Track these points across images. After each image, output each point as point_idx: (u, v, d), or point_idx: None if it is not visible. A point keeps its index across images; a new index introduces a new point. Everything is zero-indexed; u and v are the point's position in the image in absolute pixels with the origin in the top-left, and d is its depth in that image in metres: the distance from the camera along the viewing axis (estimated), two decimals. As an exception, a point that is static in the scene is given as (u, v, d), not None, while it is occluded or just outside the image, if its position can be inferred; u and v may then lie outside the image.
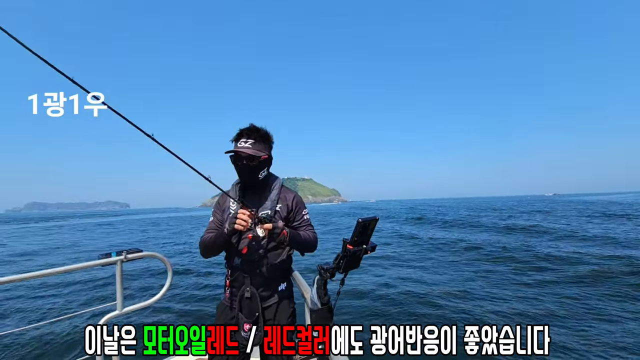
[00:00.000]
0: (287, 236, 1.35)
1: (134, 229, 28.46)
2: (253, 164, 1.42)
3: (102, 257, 1.84)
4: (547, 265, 7.83)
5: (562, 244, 10.82)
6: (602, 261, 7.89)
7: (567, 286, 6.16)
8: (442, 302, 5.35)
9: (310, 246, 1.53)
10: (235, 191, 1.54)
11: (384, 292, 6.10)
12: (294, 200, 1.55)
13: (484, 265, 8.33)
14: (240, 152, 1.41)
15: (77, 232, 26.74)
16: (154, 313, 5.59)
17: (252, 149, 1.42)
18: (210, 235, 1.47)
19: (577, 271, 7.12)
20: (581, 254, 8.92)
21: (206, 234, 1.51)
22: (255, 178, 1.47)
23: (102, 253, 1.87)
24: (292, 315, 1.53)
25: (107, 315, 1.88)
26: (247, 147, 1.42)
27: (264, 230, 1.31)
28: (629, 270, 6.97)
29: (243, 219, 1.29)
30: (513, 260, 8.65)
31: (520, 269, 7.66)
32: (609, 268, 7.18)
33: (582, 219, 20.25)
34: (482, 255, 9.46)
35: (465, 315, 4.76)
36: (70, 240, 19.64)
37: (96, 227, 32.22)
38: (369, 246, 1.15)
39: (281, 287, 1.52)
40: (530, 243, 11.15)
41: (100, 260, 1.83)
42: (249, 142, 1.43)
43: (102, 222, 41.45)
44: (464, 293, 5.80)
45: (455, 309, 5.02)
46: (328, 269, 1.17)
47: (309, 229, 1.56)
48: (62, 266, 1.74)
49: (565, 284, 6.27)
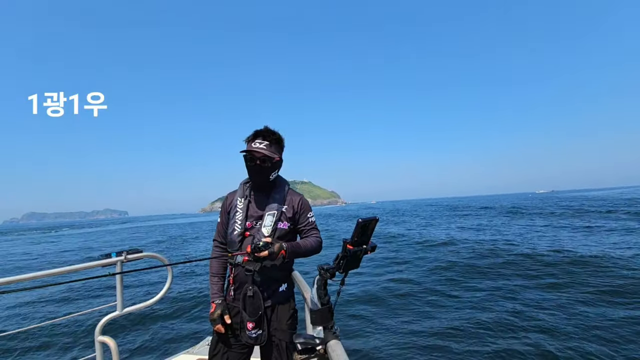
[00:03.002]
0: (285, 255, 1.37)
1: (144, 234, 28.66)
2: (266, 165, 1.45)
3: (102, 257, 1.85)
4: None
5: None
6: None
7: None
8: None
9: (313, 253, 1.54)
10: (243, 190, 1.57)
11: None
12: (300, 203, 1.57)
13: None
14: (255, 152, 1.44)
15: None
16: (154, 313, 5.60)
17: (267, 150, 1.45)
18: (212, 270, 1.57)
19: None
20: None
21: (211, 265, 1.57)
22: (266, 179, 1.50)
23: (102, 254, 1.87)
24: (292, 316, 1.53)
25: (107, 316, 1.88)
26: (262, 148, 1.45)
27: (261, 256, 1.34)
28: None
29: (220, 329, 1.44)
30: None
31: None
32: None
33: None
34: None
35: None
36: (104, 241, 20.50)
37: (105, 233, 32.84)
38: (369, 246, 1.15)
39: (282, 288, 1.53)
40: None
41: (100, 261, 1.83)
42: (264, 144, 1.46)
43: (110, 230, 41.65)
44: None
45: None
46: (328, 269, 1.17)
47: (313, 232, 1.57)
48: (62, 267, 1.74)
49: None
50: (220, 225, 1.59)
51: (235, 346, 1.48)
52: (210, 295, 1.53)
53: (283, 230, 1.49)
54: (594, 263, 7.23)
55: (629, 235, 11.28)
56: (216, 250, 1.60)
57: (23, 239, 34.10)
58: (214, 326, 1.47)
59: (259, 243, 1.32)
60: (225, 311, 1.47)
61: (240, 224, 1.48)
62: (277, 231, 1.48)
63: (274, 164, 1.49)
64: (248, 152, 1.45)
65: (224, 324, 1.46)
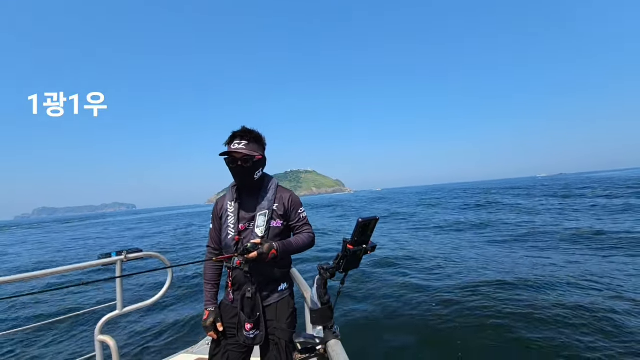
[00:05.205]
0: (277, 254, 1.37)
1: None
2: (248, 165, 1.44)
3: (102, 257, 1.85)
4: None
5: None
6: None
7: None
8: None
9: (306, 248, 1.55)
10: (233, 193, 1.56)
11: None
12: (290, 200, 1.57)
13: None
14: (234, 153, 1.43)
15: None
16: (154, 313, 5.60)
17: (247, 150, 1.43)
18: (206, 277, 1.59)
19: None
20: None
21: (205, 273, 1.59)
22: (251, 179, 1.48)
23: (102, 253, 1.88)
24: (292, 315, 1.53)
25: (107, 315, 1.88)
26: (241, 148, 1.43)
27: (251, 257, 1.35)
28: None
29: (212, 336, 1.49)
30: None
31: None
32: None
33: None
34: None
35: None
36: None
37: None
38: (369, 246, 1.15)
39: (281, 287, 1.53)
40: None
41: (100, 260, 1.84)
42: (242, 143, 1.44)
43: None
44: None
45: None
46: (328, 268, 1.17)
47: (305, 228, 1.58)
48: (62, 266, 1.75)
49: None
50: (213, 231, 1.59)
51: (235, 345, 1.48)
52: (204, 302, 1.55)
53: (277, 229, 1.50)
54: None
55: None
56: (210, 257, 1.60)
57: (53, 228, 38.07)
58: (206, 333, 1.49)
59: (247, 245, 1.33)
60: (218, 319, 1.49)
61: (233, 227, 1.48)
62: (270, 230, 1.48)
63: (256, 162, 1.47)
64: (228, 155, 1.44)
65: (217, 331, 1.48)
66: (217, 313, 1.50)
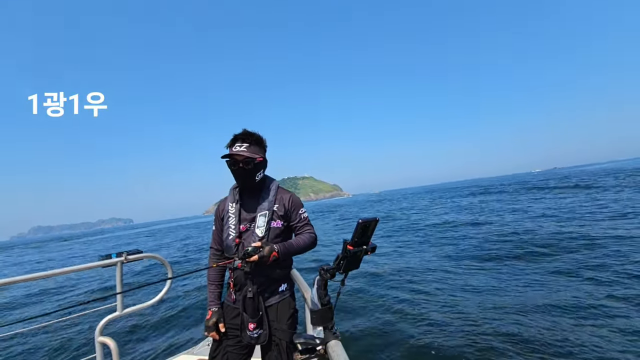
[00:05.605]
0: (278, 256, 1.39)
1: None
2: (249, 167, 1.47)
3: (102, 258, 1.85)
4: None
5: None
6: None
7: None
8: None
9: (308, 249, 1.57)
10: (234, 195, 1.59)
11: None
12: (290, 201, 1.58)
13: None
14: (236, 156, 1.45)
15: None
16: (155, 314, 5.60)
17: (248, 152, 1.46)
18: (209, 278, 1.60)
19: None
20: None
21: (209, 273, 1.60)
22: (252, 181, 1.51)
23: (102, 254, 1.88)
24: (292, 315, 1.54)
25: (108, 317, 1.88)
26: (242, 150, 1.46)
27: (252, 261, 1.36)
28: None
29: (214, 336, 1.50)
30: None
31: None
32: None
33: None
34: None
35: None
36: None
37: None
38: (369, 247, 1.15)
39: (282, 288, 1.54)
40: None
41: (101, 261, 1.84)
42: (244, 146, 1.47)
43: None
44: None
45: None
46: (328, 269, 1.17)
47: (306, 228, 1.59)
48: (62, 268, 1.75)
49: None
50: (216, 233, 1.62)
51: (235, 346, 1.48)
52: (208, 302, 1.57)
53: (277, 229, 1.51)
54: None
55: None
56: (213, 258, 1.63)
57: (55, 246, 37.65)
58: (208, 333, 1.50)
59: (248, 248, 1.35)
60: (220, 319, 1.50)
61: (234, 228, 1.50)
62: (270, 231, 1.49)
63: (257, 164, 1.50)
64: (229, 157, 1.47)
65: (218, 331, 1.50)
66: (220, 313, 1.52)
